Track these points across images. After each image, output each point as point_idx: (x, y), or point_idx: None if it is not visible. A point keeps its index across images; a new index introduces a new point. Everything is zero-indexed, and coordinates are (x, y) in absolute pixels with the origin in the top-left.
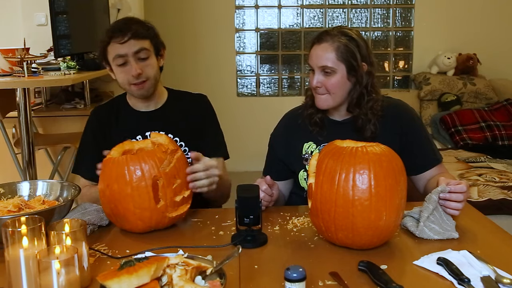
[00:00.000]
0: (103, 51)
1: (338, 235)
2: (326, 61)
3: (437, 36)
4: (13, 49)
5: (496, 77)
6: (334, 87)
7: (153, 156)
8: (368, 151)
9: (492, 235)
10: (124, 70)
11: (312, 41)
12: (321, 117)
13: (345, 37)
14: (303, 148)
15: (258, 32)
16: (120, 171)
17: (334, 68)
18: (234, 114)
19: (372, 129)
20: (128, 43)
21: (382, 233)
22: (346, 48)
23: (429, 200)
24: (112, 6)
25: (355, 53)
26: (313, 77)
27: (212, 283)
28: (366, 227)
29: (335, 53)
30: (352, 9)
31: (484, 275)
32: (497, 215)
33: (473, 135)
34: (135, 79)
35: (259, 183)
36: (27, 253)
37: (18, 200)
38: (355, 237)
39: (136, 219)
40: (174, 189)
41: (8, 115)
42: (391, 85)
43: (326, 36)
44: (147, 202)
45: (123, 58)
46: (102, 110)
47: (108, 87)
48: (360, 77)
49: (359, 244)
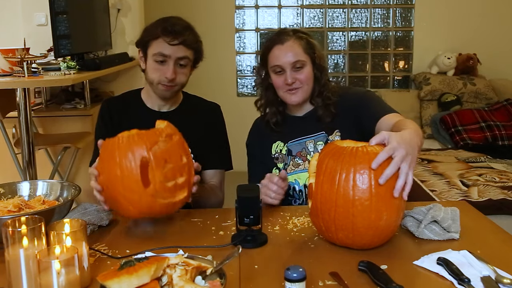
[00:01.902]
0: (146, 41)
1: (338, 235)
2: (297, 56)
3: (437, 36)
4: (13, 49)
5: (496, 77)
6: (307, 78)
7: (145, 138)
8: (369, 151)
9: (492, 235)
10: (160, 68)
11: (269, 45)
12: (277, 121)
13: (302, 34)
14: (272, 148)
15: (258, 32)
16: (111, 152)
17: (305, 61)
18: (234, 114)
19: (331, 115)
20: (177, 47)
21: (383, 233)
22: (307, 42)
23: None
24: (112, 6)
25: (314, 47)
26: (279, 77)
27: (212, 283)
28: (367, 227)
29: (301, 48)
30: (352, 9)
31: (484, 275)
32: (497, 215)
33: (473, 135)
34: (166, 81)
35: (269, 177)
36: (27, 253)
37: (18, 200)
38: (355, 237)
39: (126, 203)
40: (165, 173)
41: (8, 115)
42: (391, 85)
43: (285, 36)
44: (135, 184)
45: (163, 57)
46: (114, 101)
47: (108, 87)
48: (321, 69)
49: (360, 244)
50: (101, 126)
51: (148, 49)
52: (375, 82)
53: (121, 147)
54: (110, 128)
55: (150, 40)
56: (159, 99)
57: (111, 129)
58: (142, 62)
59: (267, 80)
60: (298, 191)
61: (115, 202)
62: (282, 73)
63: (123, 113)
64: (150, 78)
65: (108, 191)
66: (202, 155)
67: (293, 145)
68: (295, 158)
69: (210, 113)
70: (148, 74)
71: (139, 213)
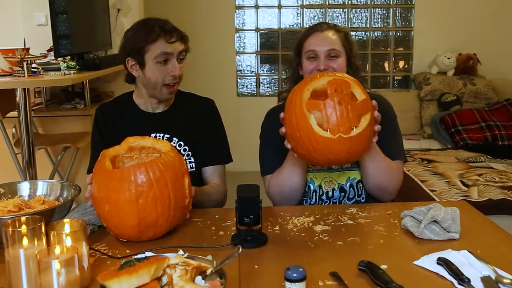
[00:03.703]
0: (141, 48)
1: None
2: (334, 44)
3: (437, 36)
4: (13, 49)
5: (496, 77)
6: (340, 68)
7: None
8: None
9: (492, 235)
10: (164, 68)
11: (306, 33)
12: None
13: (341, 28)
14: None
15: (258, 32)
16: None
17: (340, 51)
18: (234, 114)
19: None
20: (176, 43)
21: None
22: (346, 37)
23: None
24: (112, 6)
25: (352, 44)
26: (311, 63)
27: (212, 283)
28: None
29: (340, 39)
30: (352, 9)
31: (484, 275)
32: (497, 215)
33: (473, 135)
34: (172, 79)
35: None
36: (27, 253)
37: (18, 200)
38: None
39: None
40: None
41: (8, 115)
42: (391, 85)
43: (326, 26)
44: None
45: (166, 56)
46: (107, 107)
47: (108, 87)
48: (354, 67)
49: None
50: (96, 133)
51: (146, 54)
52: (375, 82)
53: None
54: (105, 135)
55: (145, 46)
56: (157, 102)
57: (106, 136)
58: (135, 71)
59: (297, 72)
60: (312, 190)
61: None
62: (315, 59)
63: (117, 118)
64: (154, 81)
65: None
66: (200, 151)
67: None
68: None
69: (204, 109)
70: (150, 78)
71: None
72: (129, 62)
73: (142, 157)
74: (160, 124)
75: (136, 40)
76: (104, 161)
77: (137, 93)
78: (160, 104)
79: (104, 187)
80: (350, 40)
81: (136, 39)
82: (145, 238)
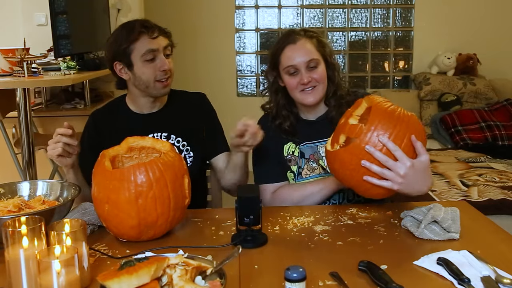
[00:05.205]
0: (126, 48)
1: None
2: (310, 54)
3: (437, 36)
4: (13, 49)
5: (496, 77)
6: (322, 77)
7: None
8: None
9: (492, 235)
10: (152, 65)
11: (280, 46)
12: (291, 123)
13: (312, 33)
14: (284, 150)
15: (258, 32)
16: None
17: (318, 58)
18: (234, 114)
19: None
20: (158, 38)
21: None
22: (319, 41)
23: (437, 207)
24: (112, 6)
25: (326, 45)
26: (293, 78)
27: (212, 283)
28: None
29: (314, 46)
30: (352, 9)
31: (484, 275)
32: (497, 215)
33: (473, 135)
34: (163, 75)
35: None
36: (27, 253)
37: (18, 200)
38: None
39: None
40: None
41: (8, 115)
42: (391, 85)
43: (296, 35)
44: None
45: (153, 53)
46: (100, 112)
47: (108, 87)
48: (333, 67)
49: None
50: (84, 140)
51: (132, 54)
52: (375, 82)
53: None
54: (93, 142)
55: (129, 46)
56: (151, 101)
57: (95, 141)
58: (124, 74)
59: (277, 83)
60: None
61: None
62: (296, 74)
63: (110, 124)
64: (145, 80)
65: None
66: (199, 144)
67: (305, 147)
68: (310, 162)
69: (197, 103)
70: (141, 77)
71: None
72: (117, 66)
73: (142, 157)
74: (156, 123)
75: (119, 43)
76: (103, 161)
77: (130, 96)
78: (155, 103)
79: (104, 187)
80: (323, 42)
81: (119, 42)
82: (145, 238)
